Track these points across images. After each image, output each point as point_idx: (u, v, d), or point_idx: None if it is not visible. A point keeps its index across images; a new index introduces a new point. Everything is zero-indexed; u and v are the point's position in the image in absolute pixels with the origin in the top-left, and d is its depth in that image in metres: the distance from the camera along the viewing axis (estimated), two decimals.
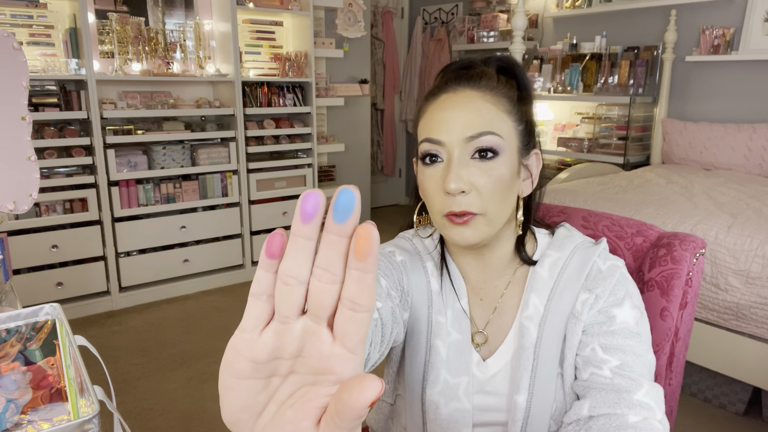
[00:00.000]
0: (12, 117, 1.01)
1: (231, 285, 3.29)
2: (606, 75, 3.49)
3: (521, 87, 0.74)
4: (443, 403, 0.76)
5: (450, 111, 0.69)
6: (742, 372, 1.90)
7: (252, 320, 0.28)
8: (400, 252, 0.80)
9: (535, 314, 0.72)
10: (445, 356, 0.76)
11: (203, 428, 1.93)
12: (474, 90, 0.70)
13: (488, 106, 0.69)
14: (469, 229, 0.68)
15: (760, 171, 2.89)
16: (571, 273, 0.72)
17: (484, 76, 0.71)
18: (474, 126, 0.67)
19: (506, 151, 0.69)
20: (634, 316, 0.69)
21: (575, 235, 0.77)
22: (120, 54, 2.87)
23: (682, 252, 0.80)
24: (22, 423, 0.75)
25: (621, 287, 0.70)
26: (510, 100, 0.71)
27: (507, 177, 0.69)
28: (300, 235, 0.27)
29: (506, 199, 0.70)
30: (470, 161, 0.68)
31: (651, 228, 0.87)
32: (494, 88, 0.70)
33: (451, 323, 0.77)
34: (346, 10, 3.80)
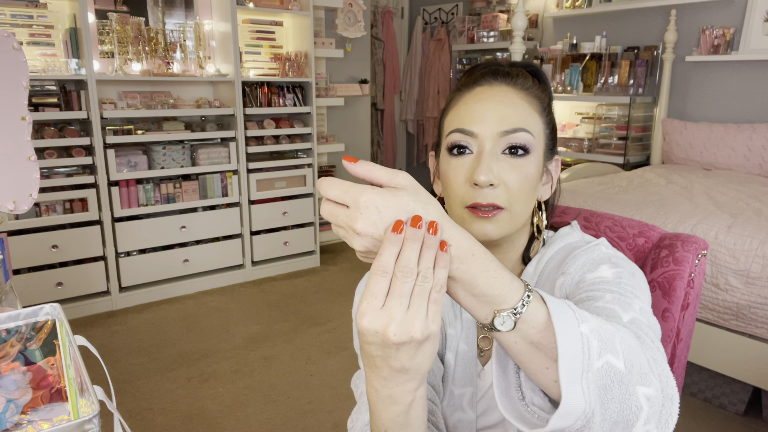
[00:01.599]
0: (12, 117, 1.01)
1: (231, 285, 3.29)
2: (606, 75, 3.49)
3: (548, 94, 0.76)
4: (448, 414, 0.76)
5: (486, 103, 0.68)
6: (742, 372, 1.90)
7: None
8: None
9: None
10: (452, 368, 0.76)
11: (203, 428, 1.93)
12: (510, 86, 0.70)
13: (524, 104, 0.69)
14: (491, 224, 0.68)
15: (760, 171, 2.89)
16: (553, 266, 0.72)
17: (520, 75, 0.72)
18: (510, 121, 0.67)
19: (536, 150, 0.69)
20: (614, 272, 0.65)
21: (574, 234, 0.76)
22: (120, 54, 2.87)
23: (684, 253, 0.79)
24: (22, 423, 0.75)
25: (599, 259, 0.68)
26: (541, 102, 0.72)
27: (534, 176, 0.69)
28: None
29: (530, 198, 0.71)
30: (501, 156, 0.68)
31: (653, 229, 0.87)
32: (529, 88, 0.71)
33: (460, 334, 0.77)
34: (346, 10, 3.80)
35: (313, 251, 3.64)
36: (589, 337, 0.48)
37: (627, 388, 0.48)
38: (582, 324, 0.48)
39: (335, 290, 3.22)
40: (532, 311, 0.49)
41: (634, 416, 0.48)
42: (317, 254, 3.65)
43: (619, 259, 0.69)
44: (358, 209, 0.45)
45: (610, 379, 0.47)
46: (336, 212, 0.47)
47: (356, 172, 0.47)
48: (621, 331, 0.51)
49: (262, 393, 2.14)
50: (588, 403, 0.46)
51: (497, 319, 0.49)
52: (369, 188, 0.46)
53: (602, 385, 0.47)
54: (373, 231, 0.45)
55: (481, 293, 0.49)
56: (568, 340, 0.47)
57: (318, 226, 3.63)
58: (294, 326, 2.73)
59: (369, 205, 0.45)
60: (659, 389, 0.49)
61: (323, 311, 2.92)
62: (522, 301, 0.49)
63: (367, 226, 0.45)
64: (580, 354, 0.47)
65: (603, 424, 0.48)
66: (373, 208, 0.45)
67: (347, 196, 0.46)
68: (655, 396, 0.49)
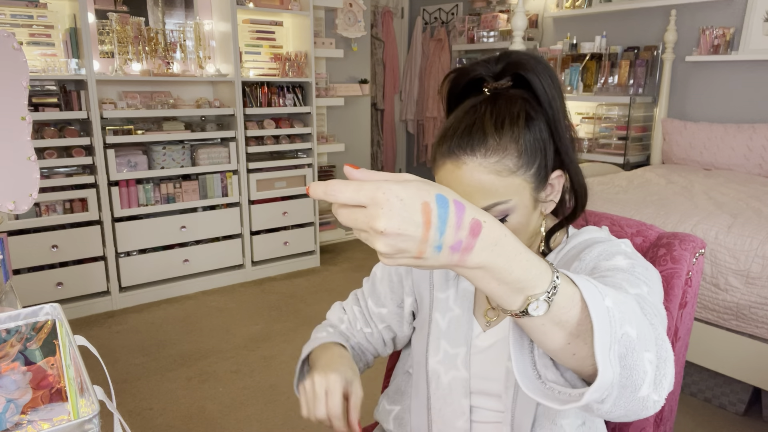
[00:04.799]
0: (12, 117, 1.01)
1: (231, 285, 3.29)
2: (606, 75, 3.49)
3: (539, 99, 0.71)
4: (443, 372, 0.82)
5: (453, 185, 0.69)
6: (742, 372, 1.90)
7: None
8: None
9: None
10: (444, 328, 0.83)
11: (203, 428, 1.93)
12: (476, 160, 0.68)
13: (491, 179, 0.68)
14: None
15: (760, 171, 2.89)
16: (573, 254, 0.76)
17: (485, 138, 0.68)
18: (479, 201, 0.69)
19: (517, 207, 0.70)
20: (629, 263, 0.68)
21: (599, 232, 0.79)
22: (120, 54, 2.87)
23: (682, 252, 0.80)
24: (22, 423, 0.75)
25: (613, 249, 0.71)
26: (517, 150, 0.69)
27: (521, 224, 0.72)
28: None
29: (524, 234, 0.74)
30: None
31: (651, 228, 0.87)
32: (497, 149, 0.68)
33: (454, 300, 0.84)
34: (346, 10, 3.80)
35: (313, 251, 3.64)
36: (613, 311, 0.49)
37: (638, 355, 0.49)
38: (606, 298, 0.49)
39: (335, 290, 3.22)
40: (563, 293, 0.48)
41: (641, 380, 0.49)
42: (317, 254, 3.65)
43: (636, 255, 0.71)
44: (377, 205, 0.42)
45: (626, 348, 0.49)
46: (354, 215, 0.43)
47: (358, 179, 0.45)
48: (629, 300, 0.53)
49: (262, 393, 2.14)
50: (614, 374, 0.48)
51: (531, 305, 0.48)
52: (383, 180, 0.43)
53: (621, 354, 0.48)
54: (399, 224, 0.42)
55: (516, 279, 0.47)
56: (599, 316, 0.47)
57: (318, 226, 3.63)
58: (294, 326, 2.73)
59: (389, 196, 0.42)
60: (655, 352, 0.51)
61: (323, 311, 2.91)
62: (553, 284, 0.48)
63: (392, 221, 0.42)
64: (608, 328, 0.48)
65: (618, 390, 0.49)
66: (394, 199, 0.42)
67: (361, 195, 0.42)
68: (654, 359, 0.51)
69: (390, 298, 0.91)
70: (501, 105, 0.70)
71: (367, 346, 0.95)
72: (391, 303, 0.91)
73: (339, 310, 0.97)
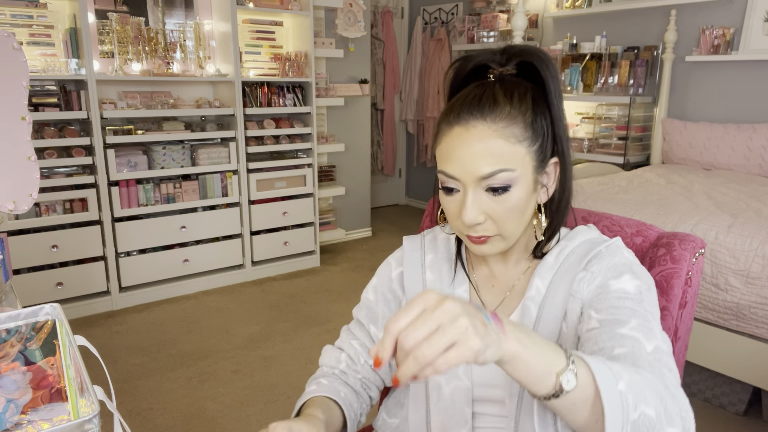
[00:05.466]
0: (12, 117, 1.01)
1: (231, 285, 3.29)
2: (606, 75, 3.49)
3: (545, 88, 0.73)
4: (445, 383, 0.81)
5: (462, 148, 0.70)
6: (742, 372, 1.90)
7: None
8: (397, 263, 0.91)
9: (536, 296, 0.76)
10: None
11: (203, 428, 1.93)
12: (485, 124, 0.70)
13: (500, 143, 0.69)
14: (486, 246, 0.75)
15: (760, 171, 2.89)
16: (575, 259, 0.76)
17: (496, 106, 0.70)
18: (486, 165, 0.69)
19: (520, 179, 0.71)
20: (636, 286, 0.70)
21: (592, 232, 0.80)
22: (120, 54, 2.87)
23: (682, 252, 0.80)
24: (22, 423, 0.75)
25: (622, 265, 0.72)
26: (524, 122, 0.71)
27: (522, 201, 0.72)
28: None
29: (522, 217, 0.74)
30: (484, 193, 0.71)
31: (650, 228, 0.87)
32: (506, 116, 0.70)
33: None
34: (346, 10, 3.80)
35: (313, 251, 3.64)
36: (627, 394, 0.53)
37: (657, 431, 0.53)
38: (619, 382, 0.54)
39: (335, 290, 3.22)
40: (581, 368, 0.54)
41: None
42: (317, 254, 3.65)
43: (638, 268, 0.73)
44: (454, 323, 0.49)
45: (645, 427, 0.53)
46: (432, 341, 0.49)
47: (385, 358, 0.51)
48: (648, 379, 0.57)
49: (262, 393, 2.14)
50: None
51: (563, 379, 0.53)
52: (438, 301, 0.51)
53: None
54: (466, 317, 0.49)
55: (543, 358, 0.53)
56: (611, 399, 0.52)
57: (318, 226, 3.63)
58: (294, 326, 2.73)
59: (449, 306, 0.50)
60: (681, 427, 0.55)
61: (323, 311, 2.92)
62: (571, 358, 0.54)
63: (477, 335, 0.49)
64: (620, 410, 0.52)
65: None
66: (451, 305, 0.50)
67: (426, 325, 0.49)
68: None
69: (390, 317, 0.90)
70: (509, 83, 0.73)
71: (374, 379, 0.91)
72: None
73: (334, 351, 0.93)
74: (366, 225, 4.36)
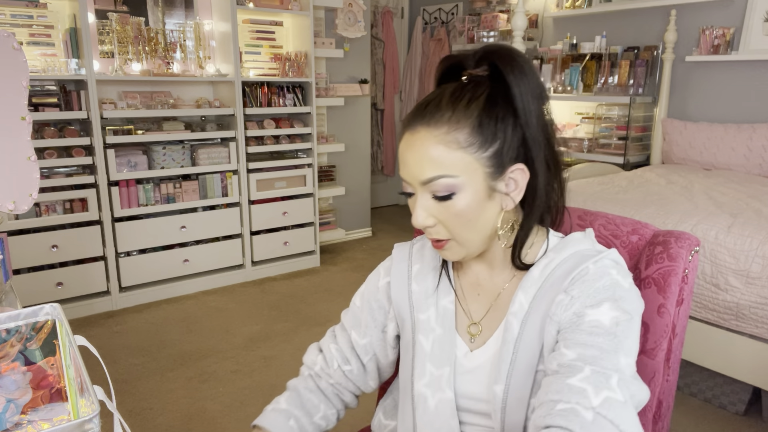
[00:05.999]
0: (12, 117, 1.01)
1: (231, 285, 3.29)
2: (606, 75, 3.49)
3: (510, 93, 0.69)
4: (430, 395, 0.80)
5: (407, 153, 0.72)
6: (742, 372, 1.90)
7: None
8: (386, 272, 0.90)
9: (519, 311, 0.74)
10: (429, 350, 0.81)
11: (203, 428, 1.93)
12: (428, 129, 0.70)
13: (440, 149, 0.69)
14: (445, 251, 0.76)
15: (760, 171, 2.89)
16: (560, 275, 0.73)
17: (437, 111, 0.70)
18: (426, 171, 0.70)
19: (465, 186, 0.70)
20: (613, 317, 0.66)
21: (585, 242, 0.76)
22: (120, 54, 2.87)
23: (678, 249, 0.81)
24: (22, 423, 0.75)
25: (605, 291, 0.69)
26: (471, 127, 0.69)
27: (470, 207, 0.71)
28: None
29: (474, 224, 0.72)
30: (431, 198, 0.72)
31: (646, 226, 0.88)
32: (447, 122, 0.69)
33: (435, 319, 0.82)
34: (346, 10, 3.80)
35: (313, 251, 3.64)
36: None
37: None
38: None
39: (335, 290, 3.22)
40: None
41: None
42: (317, 254, 3.65)
43: (623, 292, 0.69)
44: None
45: None
46: None
47: None
48: None
49: (262, 393, 2.14)
50: None
51: None
52: None
53: None
54: None
55: None
56: None
57: (318, 226, 3.63)
58: (294, 326, 2.73)
59: None
60: None
61: (323, 311, 2.92)
62: None
63: None
64: None
65: None
66: None
67: None
68: None
69: (373, 326, 0.89)
70: (468, 87, 0.72)
71: (346, 384, 0.92)
72: (375, 330, 0.89)
73: (314, 351, 0.95)
74: (366, 225, 4.36)
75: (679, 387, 2.14)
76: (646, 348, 0.80)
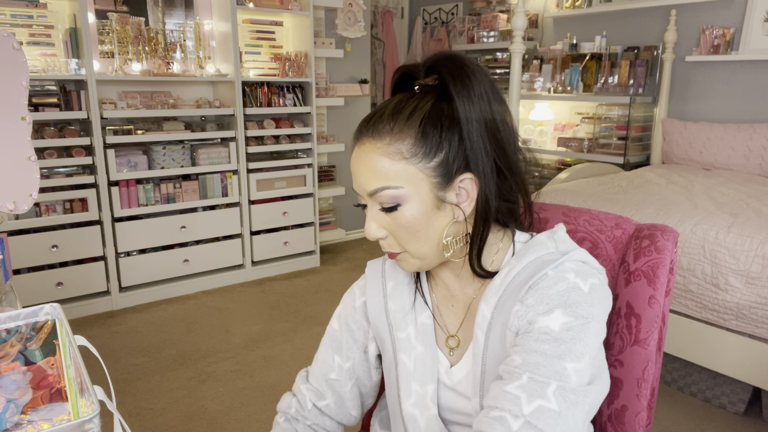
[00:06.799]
0: (12, 117, 1.01)
1: (231, 285, 3.29)
2: (606, 75, 3.49)
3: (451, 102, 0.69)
4: (419, 414, 0.79)
5: (355, 166, 0.72)
6: (742, 372, 1.90)
7: None
8: (361, 291, 0.89)
9: (482, 322, 0.73)
10: (412, 368, 0.80)
11: (203, 428, 1.93)
12: (372, 141, 0.70)
13: (382, 160, 0.69)
14: (401, 263, 0.76)
15: (760, 171, 2.89)
16: (518, 283, 0.72)
17: (380, 123, 0.70)
18: (372, 182, 0.70)
19: (410, 197, 0.69)
20: (564, 323, 0.65)
21: (548, 245, 0.74)
22: (120, 54, 2.87)
23: (665, 242, 0.84)
24: (22, 423, 0.75)
25: (558, 297, 0.67)
26: (413, 138, 0.68)
27: (416, 218, 0.70)
28: None
29: (424, 235, 0.72)
30: (379, 210, 0.72)
31: (628, 221, 0.91)
32: (389, 133, 0.69)
33: (414, 337, 0.81)
34: (346, 10, 3.80)
35: (313, 251, 3.64)
36: None
37: None
38: None
39: (335, 290, 3.22)
40: None
41: None
42: (317, 254, 3.66)
43: (579, 296, 0.67)
44: None
45: None
46: None
47: None
48: None
49: (262, 393, 2.14)
50: None
51: None
52: None
53: None
54: None
55: None
56: None
57: (318, 226, 3.63)
58: (294, 326, 2.73)
59: None
60: None
61: (323, 311, 2.92)
62: None
63: None
64: None
65: None
66: None
67: None
68: None
69: (355, 347, 0.88)
70: (414, 97, 0.71)
71: (323, 423, 0.90)
72: (357, 351, 0.88)
73: (287, 397, 0.94)
74: None
75: (680, 387, 2.14)
76: (639, 338, 0.83)
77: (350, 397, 0.89)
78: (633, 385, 0.82)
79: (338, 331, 0.89)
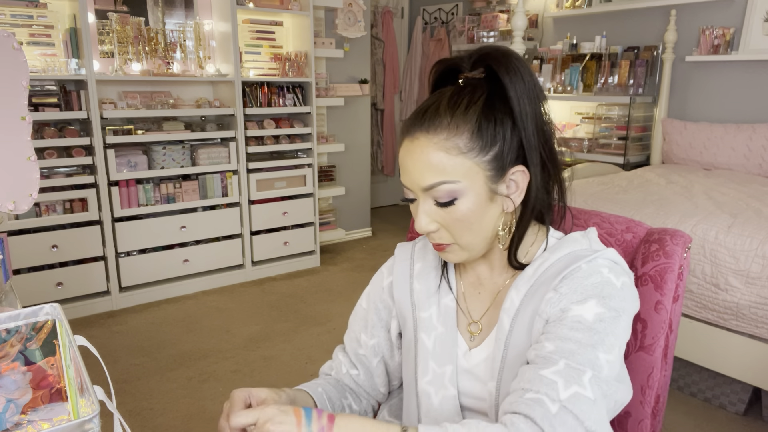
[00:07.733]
0: (12, 117, 1.01)
1: (231, 285, 3.29)
2: (606, 75, 3.49)
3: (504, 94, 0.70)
4: (434, 392, 0.80)
5: (407, 160, 0.72)
6: (742, 372, 1.90)
7: None
8: (389, 271, 0.91)
9: (510, 308, 0.75)
10: (431, 348, 0.82)
11: (203, 428, 1.93)
12: (427, 136, 0.70)
13: (440, 155, 0.69)
14: (448, 254, 0.77)
15: (760, 171, 2.89)
16: (552, 273, 0.73)
17: (436, 117, 0.70)
18: (427, 178, 0.70)
19: (467, 191, 0.70)
20: (597, 314, 0.66)
21: (582, 242, 0.76)
22: (120, 54, 2.87)
23: (674, 247, 0.82)
24: (22, 423, 0.75)
25: (593, 288, 0.69)
26: (470, 132, 0.69)
27: (472, 211, 0.71)
28: None
29: (477, 227, 0.73)
30: (433, 204, 0.72)
31: (639, 224, 0.89)
32: (446, 128, 0.69)
33: (437, 318, 0.83)
34: (346, 10, 3.80)
35: (313, 251, 3.64)
36: None
37: None
38: None
39: (335, 290, 3.22)
40: None
41: None
42: (317, 254, 3.65)
43: (613, 290, 0.69)
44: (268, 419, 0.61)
45: None
46: None
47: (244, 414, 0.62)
48: None
49: None
50: None
51: None
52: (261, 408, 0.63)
53: None
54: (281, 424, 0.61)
55: None
56: None
57: (318, 226, 3.63)
58: (294, 326, 2.73)
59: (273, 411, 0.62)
60: None
61: (323, 311, 2.92)
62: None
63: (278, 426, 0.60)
64: None
65: None
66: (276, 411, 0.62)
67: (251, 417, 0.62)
68: None
69: (380, 326, 0.90)
70: (465, 91, 0.71)
71: (357, 390, 0.93)
72: (382, 330, 0.90)
73: (328, 362, 0.98)
74: (366, 225, 4.36)
75: (680, 387, 2.14)
76: (645, 344, 0.81)
77: (378, 373, 0.91)
78: (637, 391, 0.81)
79: (366, 309, 0.92)
